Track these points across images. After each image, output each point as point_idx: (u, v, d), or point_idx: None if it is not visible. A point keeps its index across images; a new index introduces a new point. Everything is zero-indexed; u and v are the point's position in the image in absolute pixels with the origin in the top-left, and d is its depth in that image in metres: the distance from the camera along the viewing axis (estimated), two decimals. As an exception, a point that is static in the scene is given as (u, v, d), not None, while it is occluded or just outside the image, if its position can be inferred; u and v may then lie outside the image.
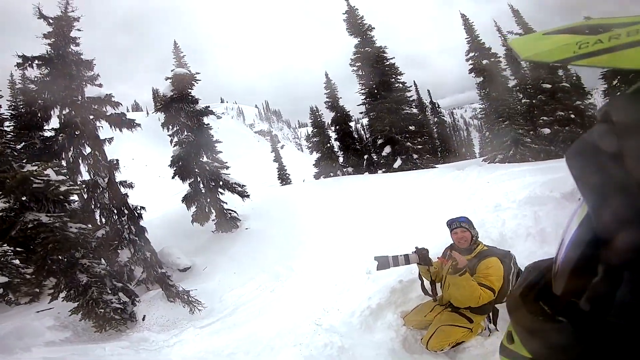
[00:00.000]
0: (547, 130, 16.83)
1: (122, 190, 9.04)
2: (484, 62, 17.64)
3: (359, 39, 18.49)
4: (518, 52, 0.42)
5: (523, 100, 18.29)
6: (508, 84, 18.31)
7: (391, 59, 18.46)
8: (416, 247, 3.42)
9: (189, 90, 11.54)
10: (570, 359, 0.35)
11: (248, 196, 11.57)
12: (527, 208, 5.08)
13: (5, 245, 7.28)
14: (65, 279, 6.14)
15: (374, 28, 18.62)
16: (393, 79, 18.29)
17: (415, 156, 17.32)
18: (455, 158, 30.27)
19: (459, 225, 3.19)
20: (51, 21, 8.76)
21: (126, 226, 8.46)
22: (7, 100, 12.50)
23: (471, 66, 18.07)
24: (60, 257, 6.13)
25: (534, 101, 17.74)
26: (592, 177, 0.32)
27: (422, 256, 3.34)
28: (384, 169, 17.40)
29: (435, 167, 16.55)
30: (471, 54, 18.14)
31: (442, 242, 3.64)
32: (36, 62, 8.52)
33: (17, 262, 8.08)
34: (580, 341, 0.34)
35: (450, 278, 2.98)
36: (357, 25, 18.51)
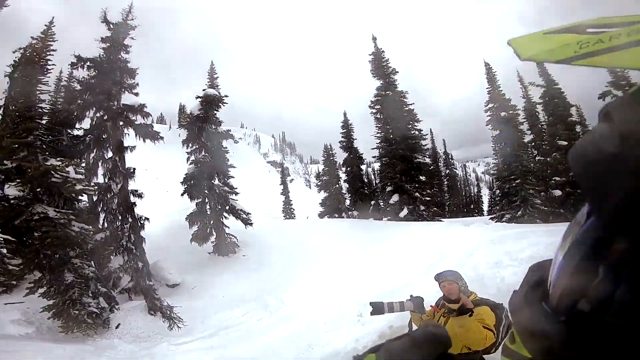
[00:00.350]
0: (558, 192, 16.09)
1: (132, 199, 9.15)
2: (502, 114, 17.06)
3: (381, 82, 18.63)
4: (518, 53, 0.41)
5: (537, 158, 17.57)
6: (524, 139, 17.53)
7: (411, 104, 18.46)
8: (411, 295, 3.46)
9: (215, 112, 11.96)
10: (569, 359, 0.35)
11: (251, 224, 11.55)
12: (528, 267, 4.97)
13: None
14: (52, 275, 6.11)
15: (397, 72, 18.78)
16: (410, 125, 18.16)
17: (422, 207, 17.05)
18: (462, 213, 29.83)
19: (446, 279, 3.26)
20: (111, 26, 9.15)
21: (126, 234, 8.48)
22: (49, 95, 12.75)
23: (489, 117, 17.56)
24: (53, 253, 6.15)
25: (548, 159, 16.99)
26: (593, 176, 0.32)
27: (417, 304, 3.38)
28: (389, 217, 16.98)
29: (441, 221, 16.30)
30: (490, 105, 17.68)
31: (437, 291, 3.58)
32: (88, 63, 8.88)
33: (4, 251, 7.93)
34: (579, 341, 0.34)
35: (456, 320, 2.94)
36: (381, 68, 18.71)
